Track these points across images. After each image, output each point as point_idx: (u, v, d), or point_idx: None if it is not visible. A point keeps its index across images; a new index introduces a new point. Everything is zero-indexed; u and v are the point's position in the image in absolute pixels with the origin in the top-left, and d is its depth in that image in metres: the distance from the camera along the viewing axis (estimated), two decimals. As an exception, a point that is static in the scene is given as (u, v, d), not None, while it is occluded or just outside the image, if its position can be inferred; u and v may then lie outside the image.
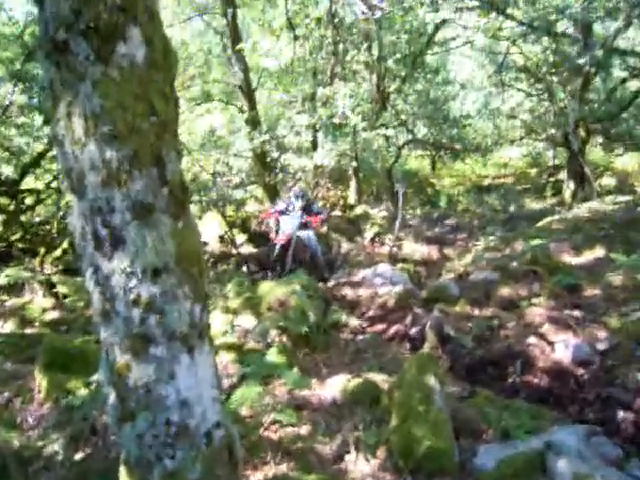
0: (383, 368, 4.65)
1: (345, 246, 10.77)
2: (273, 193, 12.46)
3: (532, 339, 4.87)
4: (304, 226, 8.35)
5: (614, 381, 4.14)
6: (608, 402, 3.95)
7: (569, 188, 13.20)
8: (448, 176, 20.58)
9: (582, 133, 12.80)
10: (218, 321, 5.23)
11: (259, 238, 11.53)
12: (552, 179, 16.59)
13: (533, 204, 14.77)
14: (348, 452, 3.27)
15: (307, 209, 8.56)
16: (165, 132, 1.96)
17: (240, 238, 11.39)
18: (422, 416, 3.02)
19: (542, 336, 4.91)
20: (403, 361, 4.46)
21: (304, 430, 3.52)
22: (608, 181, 15.12)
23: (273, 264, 8.30)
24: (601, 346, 4.61)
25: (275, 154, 12.25)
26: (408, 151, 19.46)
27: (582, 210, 9.38)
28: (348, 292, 6.90)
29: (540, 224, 9.12)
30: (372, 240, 11.32)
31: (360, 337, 5.64)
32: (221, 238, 11.19)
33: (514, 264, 6.77)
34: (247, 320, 5.30)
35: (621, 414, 3.78)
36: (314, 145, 12.81)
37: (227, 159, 13.01)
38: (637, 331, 4.67)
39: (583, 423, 3.46)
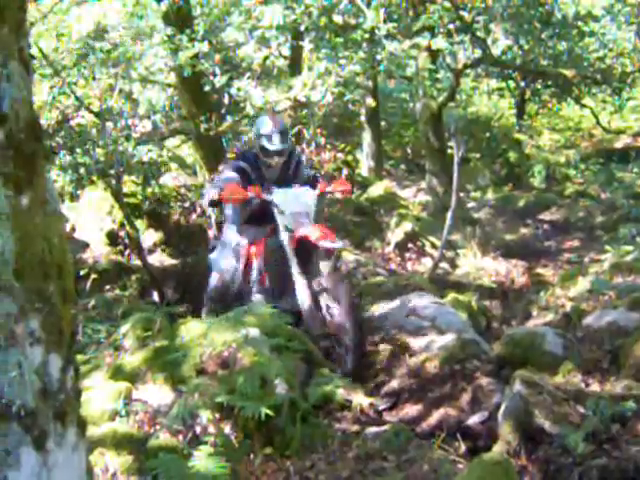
0: (414, 490, 4.62)
1: (351, 257, 10.75)
2: (214, 153, 12.43)
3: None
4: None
5: None
6: None
7: None
8: (549, 130, 20.67)
9: None
10: (101, 393, 5.16)
11: (185, 239, 11.50)
12: None
13: None
14: None
15: (296, 167, 8.34)
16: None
17: (149, 238, 11.34)
18: None
19: None
20: (453, 476, 4.45)
21: None
22: None
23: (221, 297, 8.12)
24: None
25: (219, 79, 12.19)
26: (474, 80, 19.55)
27: None
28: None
29: None
30: (401, 247, 11.35)
31: (373, 430, 5.55)
32: (113, 237, 11.15)
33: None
34: (157, 392, 5.26)
35: None
36: (294, 65, 12.79)
37: (128, 86, 12.97)
38: None
39: None
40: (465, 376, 6.34)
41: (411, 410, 6.12)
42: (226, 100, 12.67)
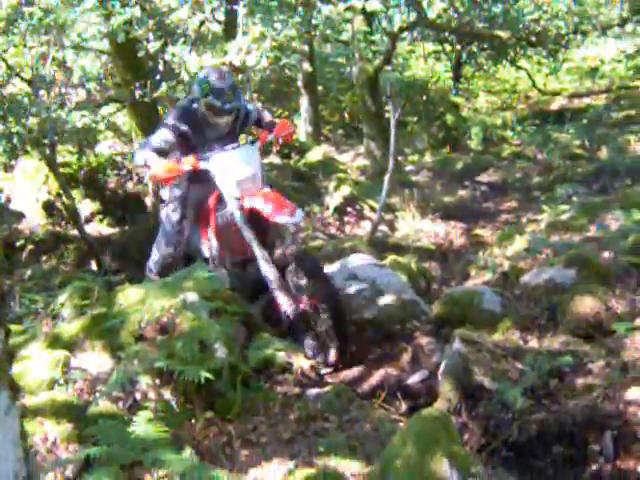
0: (356, 448, 4.63)
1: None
2: (150, 120, 12.32)
3: (636, 392, 4.93)
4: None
5: None
6: None
7: None
8: (485, 93, 20.76)
9: None
10: (39, 362, 5.10)
11: (122, 208, 11.41)
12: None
13: (644, 145, 15.01)
14: None
15: (243, 122, 7.53)
16: None
17: (86, 207, 11.24)
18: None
19: (655, 386, 4.99)
20: (394, 434, 4.47)
21: None
22: None
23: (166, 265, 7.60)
24: None
25: (153, 44, 12.07)
26: (410, 44, 19.54)
27: None
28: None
29: (656, 180, 9.28)
30: (340, 211, 11.35)
31: (314, 391, 5.58)
32: (49, 207, 11.03)
33: (605, 255, 6.85)
34: (95, 360, 5.22)
35: None
36: (229, 30, 12.70)
37: (61, 53, 12.78)
38: None
39: None
40: (405, 336, 6.39)
41: (352, 371, 6.15)
42: (161, 66, 12.52)
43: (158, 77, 12.30)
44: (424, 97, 18.45)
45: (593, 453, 4.63)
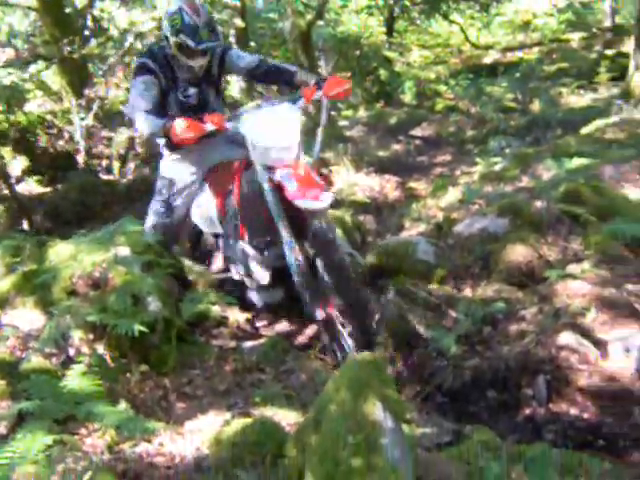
0: (292, 398, 4.66)
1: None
2: (80, 78, 12.18)
3: (567, 337, 5.00)
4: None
5: None
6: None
7: (639, 69, 13.53)
8: (418, 47, 20.77)
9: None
10: (-31, 319, 5.07)
11: (53, 167, 11.30)
12: (610, 52, 17.02)
13: (576, 97, 15.14)
14: None
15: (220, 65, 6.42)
16: None
17: (17, 166, 11.11)
18: (360, 476, 3.05)
19: (585, 332, 5.05)
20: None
21: (140, 517, 3.51)
22: None
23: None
24: (693, 347, 4.81)
25: (81, 0, 11.95)
26: (343, -1, 19.50)
27: (662, 105, 9.68)
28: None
29: (585, 131, 9.35)
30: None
31: (250, 344, 5.62)
32: (-23, 167, 10.90)
33: (537, 204, 6.90)
34: (27, 317, 5.18)
35: None
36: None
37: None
38: None
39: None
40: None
41: (287, 323, 6.16)
42: (89, 22, 12.39)
43: (87, 33, 12.18)
44: (357, 52, 18.45)
45: (526, 397, 4.70)
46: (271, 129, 5.47)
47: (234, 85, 16.05)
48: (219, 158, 6.35)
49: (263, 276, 5.93)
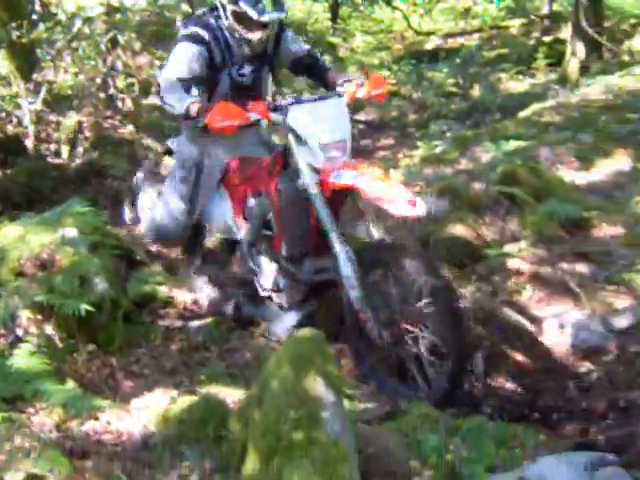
0: (237, 376, 4.70)
1: (169, 162, 10.66)
2: (28, 63, 12.08)
3: (504, 314, 5.07)
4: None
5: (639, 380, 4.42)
6: (629, 414, 4.17)
7: (575, 55, 13.71)
8: (362, 33, 20.78)
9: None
10: None
11: (3, 150, 11.20)
12: (547, 39, 17.15)
13: (514, 83, 15.25)
14: (170, 524, 3.29)
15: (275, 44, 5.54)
16: None
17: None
18: (301, 450, 3.08)
19: (522, 309, 5.12)
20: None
21: (87, 492, 3.51)
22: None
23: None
24: (621, 322, 4.89)
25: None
26: (288, -14, 19.43)
27: (596, 90, 9.78)
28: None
29: (522, 115, 9.43)
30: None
31: (196, 323, 5.64)
32: None
33: (475, 185, 6.95)
34: (-26, 297, 5.12)
35: (649, 433, 4.04)
36: (107, -31, 12.48)
37: None
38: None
39: (587, 449, 3.66)
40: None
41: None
42: (37, 6, 12.26)
43: (35, 17, 12.06)
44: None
45: (464, 371, 4.74)
46: (322, 123, 4.75)
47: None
48: (235, 155, 5.54)
49: (297, 291, 5.24)
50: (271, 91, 5.80)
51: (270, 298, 5.43)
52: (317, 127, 4.68)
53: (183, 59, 5.03)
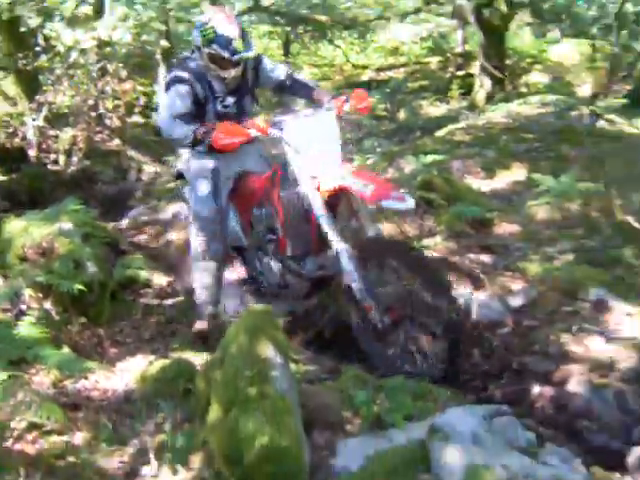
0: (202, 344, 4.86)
1: (149, 170, 10.67)
2: (32, 87, 12.02)
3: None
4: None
5: (531, 347, 4.51)
6: (521, 375, 4.32)
7: (482, 86, 13.91)
8: (309, 66, 20.82)
9: (502, 6, 13.43)
10: None
11: (9, 159, 11.16)
12: (460, 73, 17.32)
13: (433, 108, 15.41)
14: (147, 463, 3.32)
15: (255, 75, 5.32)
16: None
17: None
18: (254, 403, 3.12)
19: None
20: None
21: (79, 438, 3.54)
22: (538, 77, 16.13)
23: None
24: (516, 301, 4.99)
25: (34, 21, 11.72)
26: (249, 26, 19.39)
27: (498, 115, 9.93)
28: (152, 235, 6.89)
29: (439, 134, 9.55)
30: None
31: (170, 302, 5.71)
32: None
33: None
34: (-15, 274, 5.19)
35: (537, 389, 4.14)
36: (98, 10, 12.41)
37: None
38: (565, 280, 5.07)
39: (487, 402, 3.75)
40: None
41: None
42: (40, 40, 12.21)
43: (38, 49, 12.03)
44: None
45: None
46: (314, 135, 4.59)
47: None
48: (238, 170, 5.30)
49: (302, 287, 5.05)
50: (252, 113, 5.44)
51: (274, 294, 5.30)
52: (309, 139, 4.53)
53: (176, 99, 4.84)
